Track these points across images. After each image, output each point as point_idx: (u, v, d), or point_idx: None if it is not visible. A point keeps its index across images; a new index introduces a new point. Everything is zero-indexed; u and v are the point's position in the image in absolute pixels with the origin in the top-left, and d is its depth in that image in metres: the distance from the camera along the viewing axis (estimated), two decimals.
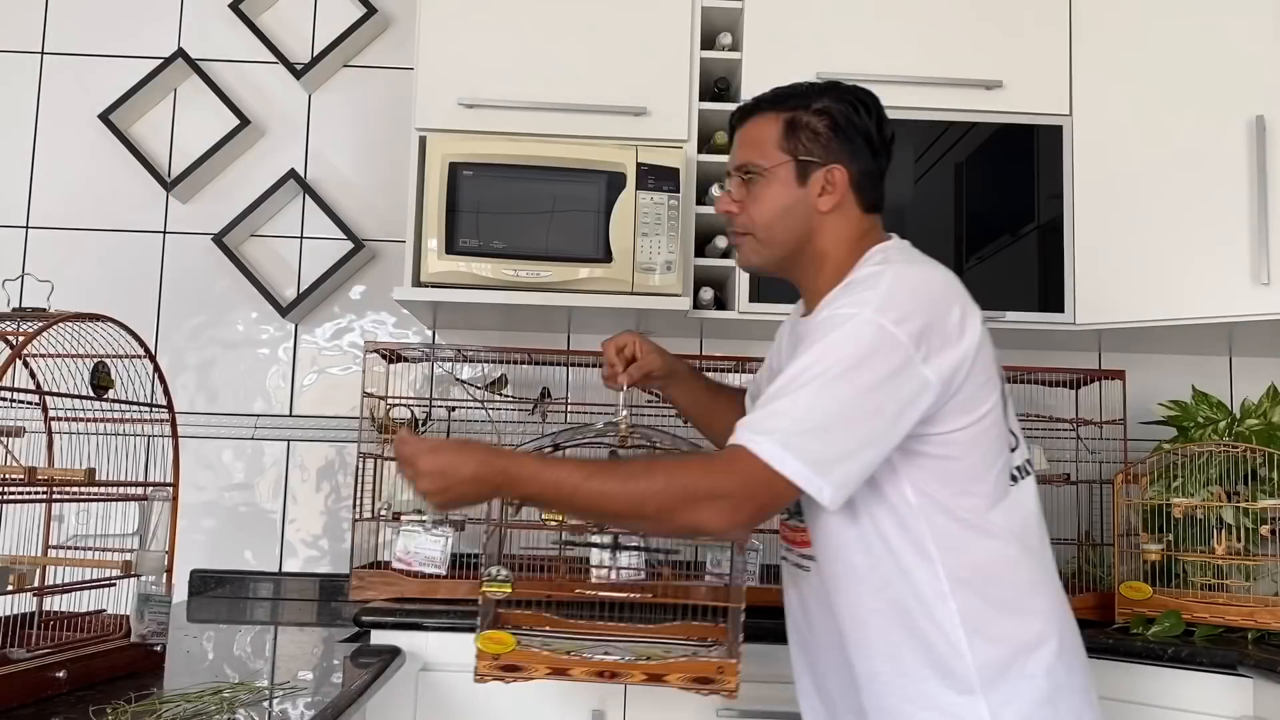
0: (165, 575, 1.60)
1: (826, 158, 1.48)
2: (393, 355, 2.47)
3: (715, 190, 2.46)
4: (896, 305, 1.31)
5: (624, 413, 1.67)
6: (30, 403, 1.58)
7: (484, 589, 1.61)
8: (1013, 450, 1.43)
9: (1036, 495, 1.46)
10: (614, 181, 2.35)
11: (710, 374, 2.67)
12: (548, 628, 1.58)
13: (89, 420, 1.58)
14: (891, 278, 1.36)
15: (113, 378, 1.55)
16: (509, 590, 1.57)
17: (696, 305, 2.43)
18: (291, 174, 2.72)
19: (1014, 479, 1.42)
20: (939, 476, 1.36)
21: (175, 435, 1.66)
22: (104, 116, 2.71)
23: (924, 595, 1.36)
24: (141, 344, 1.60)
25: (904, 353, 1.29)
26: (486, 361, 2.57)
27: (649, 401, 2.46)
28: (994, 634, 1.35)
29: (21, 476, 1.42)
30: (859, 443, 1.28)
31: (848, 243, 1.49)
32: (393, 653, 1.90)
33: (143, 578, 1.57)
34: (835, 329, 1.31)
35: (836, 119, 1.49)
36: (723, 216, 1.57)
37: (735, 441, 1.30)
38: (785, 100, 1.51)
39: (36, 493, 1.50)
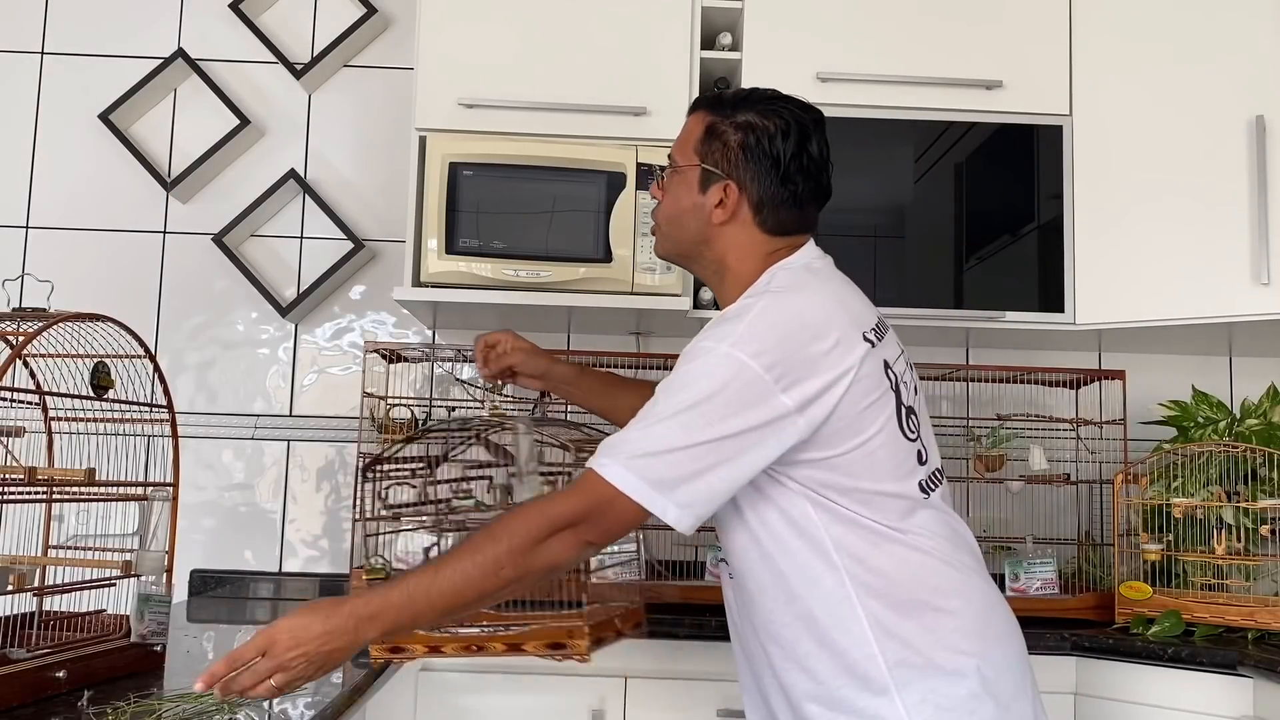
0: (165, 575, 1.60)
1: (728, 172, 1.47)
2: (393, 355, 2.47)
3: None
4: (755, 338, 1.33)
5: (491, 402, 1.79)
6: (30, 403, 1.58)
7: (365, 577, 1.69)
8: (922, 463, 1.43)
9: (949, 500, 1.47)
10: (614, 181, 2.35)
11: None
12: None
13: (89, 420, 1.58)
14: (758, 311, 1.36)
15: (113, 378, 1.55)
16: (385, 576, 1.67)
17: (696, 305, 2.43)
18: (291, 174, 2.72)
19: (925, 490, 1.42)
20: (838, 491, 1.37)
21: (175, 435, 1.66)
22: (104, 116, 2.71)
23: (832, 604, 1.36)
24: (141, 344, 1.60)
25: (760, 383, 1.31)
26: None
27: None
28: (905, 635, 1.35)
29: (21, 476, 1.42)
30: (705, 465, 1.30)
31: (749, 258, 1.49)
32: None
33: (143, 578, 1.57)
34: (692, 361, 1.35)
35: (749, 137, 1.47)
36: None
37: (592, 465, 1.32)
38: (718, 105, 1.51)
39: (36, 493, 1.50)
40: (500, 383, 1.81)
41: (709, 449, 1.30)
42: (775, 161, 1.47)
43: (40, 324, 1.46)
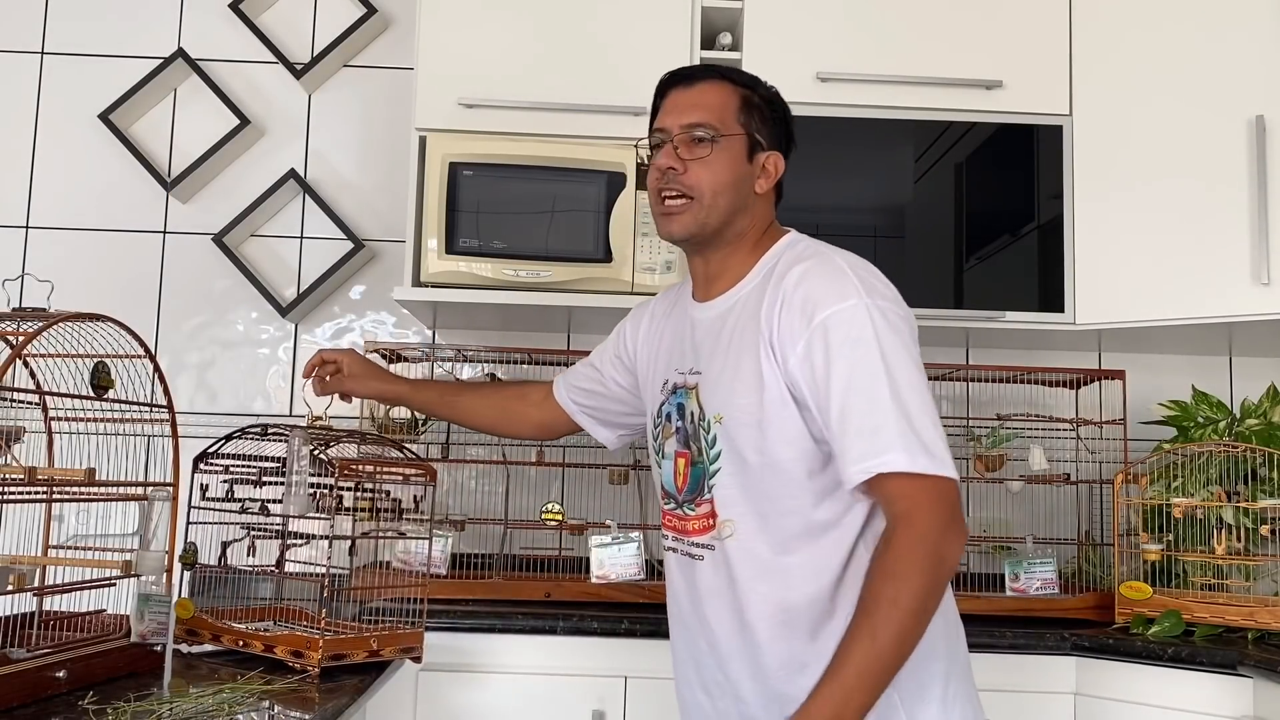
0: (165, 575, 1.60)
1: (770, 143, 1.51)
2: (393, 355, 2.47)
3: (643, 153, 2.43)
4: (872, 289, 1.38)
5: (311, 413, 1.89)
6: (30, 403, 1.58)
7: (180, 559, 1.76)
8: None
9: None
10: (614, 181, 2.35)
11: None
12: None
13: (89, 420, 1.58)
14: (850, 263, 1.41)
15: (113, 378, 1.55)
16: (193, 563, 1.79)
17: None
18: (291, 174, 2.72)
19: None
20: None
21: (175, 435, 1.66)
22: (104, 116, 2.71)
23: (856, 580, 1.37)
24: (141, 344, 1.60)
25: (906, 323, 1.39)
26: (486, 361, 2.57)
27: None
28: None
29: (21, 476, 1.42)
30: (931, 410, 1.35)
31: (759, 229, 1.52)
32: None
33: (143, 578, 1.57)
34: (848, 328, 1.35)
35: (779, 110, 1.54)
36: (655, 175, 1.50)
37: (867, 475, 1.31)
38: (734, 77, 1.53)
39: (36, 493, 1.50)
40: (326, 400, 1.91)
41: (921, 395, 1.34)
42: (790, 137, 1.56)
43: (40, 324, 1.46)
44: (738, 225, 1.50)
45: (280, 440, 1.80)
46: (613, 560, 2.23)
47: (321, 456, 1.79)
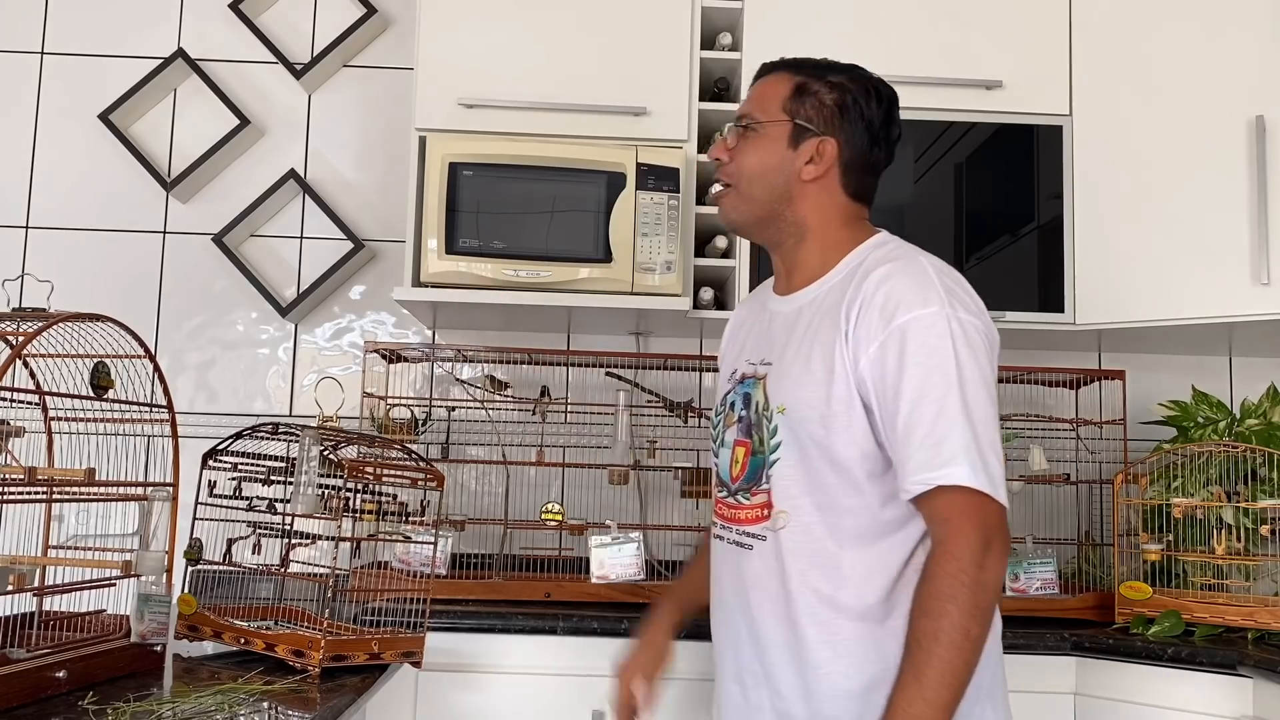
0: (165, 575, 1.60)
1: (823, 129, 1.48)
2: (393, 355, 2.47)
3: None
4: (956, 299, 1.36)
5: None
6: (30, 403, 1.58)
7: (184, 555, 1.78)
8: None
9: None
10: (614, 181, 2.35)
11: (710, 374, 2.69)
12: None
13: (89, 420, 1.58)
14: (936, 270, 1.39)
15: (112, 378, 1.55)
16: (197, 559, 1.80)
17: (696, 305, 2.43)
18: (291, 174, 2.72)
19: None
20: None
21: (175, 435, 1.66)
22: (104, 116, 2.71)
23: (908, 582, 1.37)
24: (141, 344, 1.60)
25: (984, 337, 1.38)
26: (486, 361, 2.58)
27: (649, 402, 2.47)
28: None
29: (21, 476, 1.42)
30: (994, 432, 1.35)
31: (833, 221, 1.49)
32: None
33: (143, 578, 1.57)
34: (926, 336, 1.33)
35: (845, 97, 1.49)
36: (713, 165, 1.55)
37: (926, 487, 1.30)
38: (804, 66, 1.52)
39: (36, 493, 1.50)
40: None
41: (989, 416, 1.34)
42: (869, 125, 1.49)
43: (40, 324, 1.46)
44: (789, 214, 1.48)
45: (289, 440, 1.80)
46: (613, 560, 2.23)
47: (331, 457, 1.79)
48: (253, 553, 1.86)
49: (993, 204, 2.45)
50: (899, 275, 1.38)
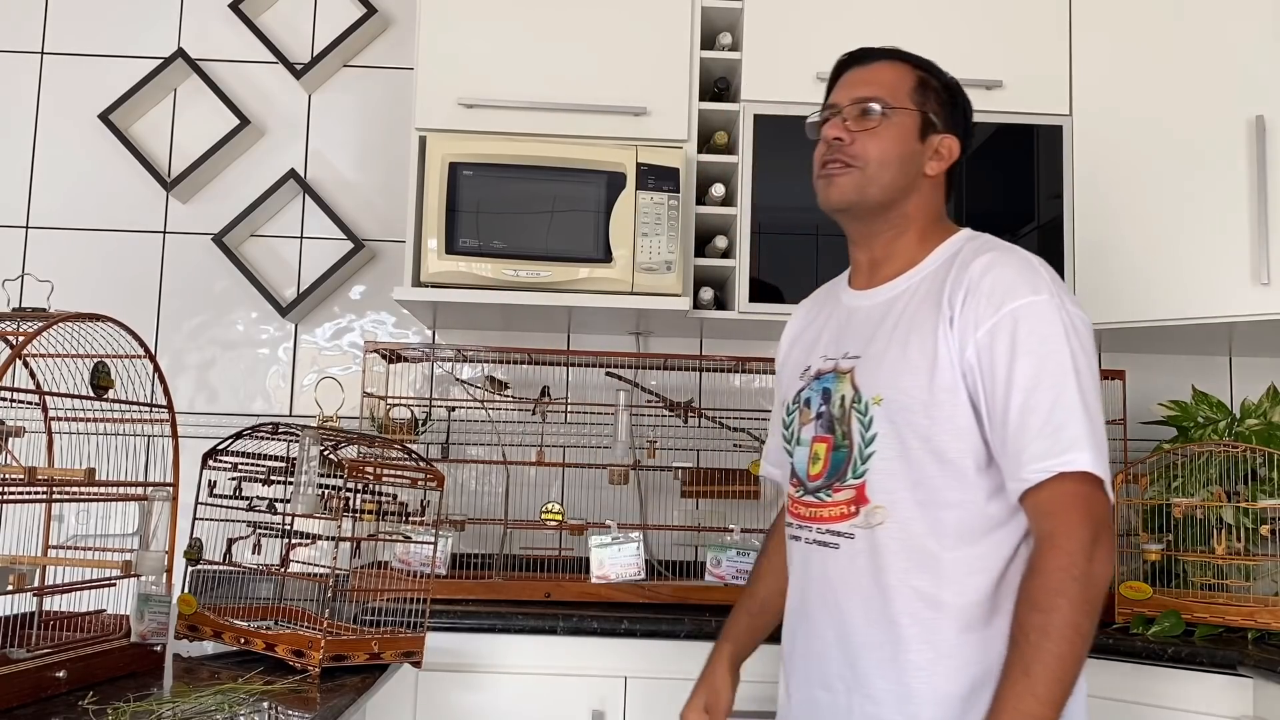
0: (165, 575, 1.60)
1: (946, 126, 1.48)
2: (393, 355, 2.47)
3: (830, 122, 2.46)
4: (1060, 289, 1.36)
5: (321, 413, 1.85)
6: (30, 403, 1.58)
7: (184, 554, 1.79)
8: None
9: None
10: (614, 181, 2.35)
11: (710, 374, 2.70)
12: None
13: (89, 420, 1.58)
14: (1036, 262, 1.39)
15: (112, 378, 1.55)
16: (197, 559, 1.81)
17: (696, 305, 2.43)
18: (291, 174, 2.72)
19: None
20: None
21: (175, 435, 1.66)
22: (104, 116, 2.71)
23: (1012, 581, 1.35)
24: (141, 344, 1.60)
25: (1089, 329, 1.37)
26: (486, 361, 2.58)
27: (649, 402, 2.47)
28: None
29: (21, 476, 1.42)
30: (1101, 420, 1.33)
31: (931, 217, 1.49)
32: None
33: (143, 578, 1.57)
34: (1038, 324, 1.32)
35: (959, 98, 1.51)
36: (821, 149, 1.50)
37: (1048, 474, 1.27)
38: (915, 60, 1.51)
39: (36, 493, 1.50)
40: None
41: (1100, 409, 1.32)
42: (969, 130, 1.52)
43: (40, 324, 1.46)
44: (903, 206, 1.47)
45: (290, 439, 1.80)
46: (613, 560, 2.23)
47: (331, 457, 1.79)
48: (253, 553, 1.86)
49: (993, 204, 2.45)
50: (1005, 263, 1.37)
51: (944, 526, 1.35)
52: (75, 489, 1.52)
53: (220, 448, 1.86)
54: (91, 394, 1.53)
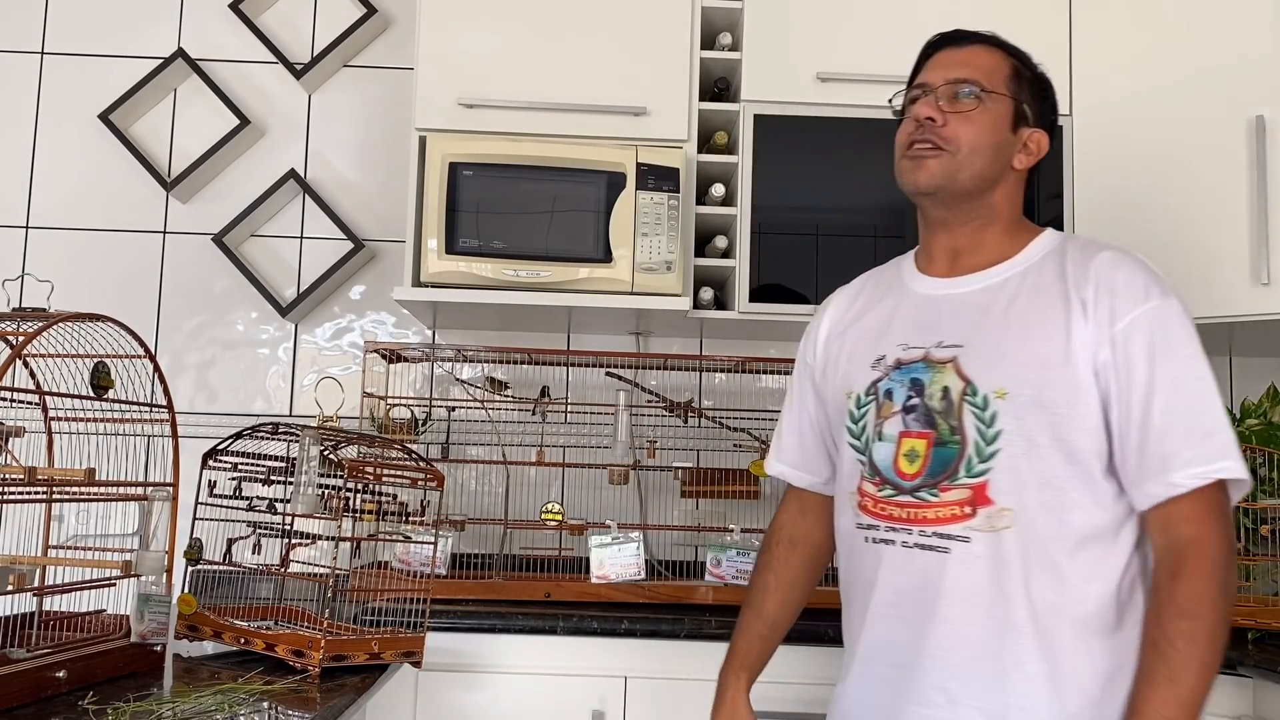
0: (165, 575, 1.60)
1: (1037, 120, 1.45)
2: (393, 355, 2.47)
3: (921, 100, 2.45)
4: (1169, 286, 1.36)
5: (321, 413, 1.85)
6: (30, 403, 1.58)
7: (184, 554, 1.79)
8: None
9: None
10: (614, 181, 2.35)
11: (709, 374, 2.70)
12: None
13: (89, 420, 1.58)
14: (1140, 258, 1.38)
15: (112, 378, 1.55)
16: (197, 559, 1.80)
17: (696, 305, 2.43)
18: (291, 174, 2.72)
19: None
20: None
21: (175, 435, 1.66)
22: (104, 116, 2.71)
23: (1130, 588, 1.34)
24: (141, 344, 1.60)
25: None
26: (486, 361, 2.58)
27: (649, 402, 2.47)
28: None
29: (21, 476, 1.42)
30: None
31: (1016, 210, 1.45)
32: None
33: (143, 578, 1.57)
34: (1169, 320, 1.32)
35: (1050, 93, 1.47)
36: (908, 128, 1.46)
37: (1204, 481, 1.26)
38: (1008, 47, 1.48)
39: (36, 493, 1.50)
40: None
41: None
42: (1052, 127, 1.48)
43: (40, 324, 1.46)
44: (989, 197, 1.42)
45: (290, 439, 1.80)
46: (613, 560, 2.23)
47: (331, 457, 1.79)
48: (253, 553, 1.86)
49: None
50: (1131, 262, 1.35)
51: (1068, 530, 1.30)
52: (75, 489, 1.52)
53: (220, 448, 1.86)
54: (91, 394, 1.53)
